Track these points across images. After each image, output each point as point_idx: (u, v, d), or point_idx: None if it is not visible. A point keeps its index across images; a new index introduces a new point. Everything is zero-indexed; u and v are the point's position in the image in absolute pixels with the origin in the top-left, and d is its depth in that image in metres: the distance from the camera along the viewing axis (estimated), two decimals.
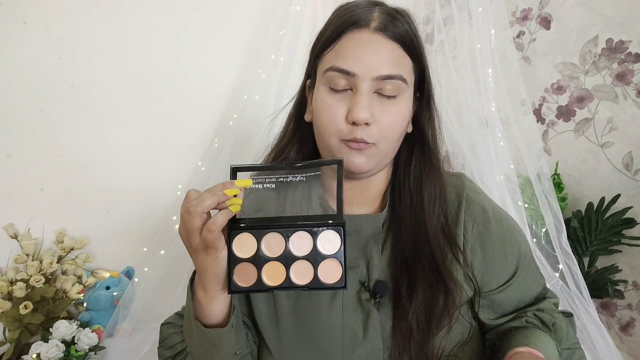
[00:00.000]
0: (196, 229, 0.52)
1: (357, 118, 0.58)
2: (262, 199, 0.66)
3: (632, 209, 1.32)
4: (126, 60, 1.45)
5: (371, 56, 0.59)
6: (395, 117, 0.61)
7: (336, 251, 0.56)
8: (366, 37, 0.60)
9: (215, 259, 0.55)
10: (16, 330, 1.23)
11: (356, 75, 0.59)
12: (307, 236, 0.57)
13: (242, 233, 0.57)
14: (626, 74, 1.34)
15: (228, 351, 0.61)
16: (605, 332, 1.19)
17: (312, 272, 0.56)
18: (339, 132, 0.61)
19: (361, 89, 0.59)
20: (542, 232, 1.30)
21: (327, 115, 0.61)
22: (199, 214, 0.51)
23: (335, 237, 0.56)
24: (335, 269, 0.56)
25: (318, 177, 0.57)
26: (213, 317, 0.60)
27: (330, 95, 0.61)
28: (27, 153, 1.36)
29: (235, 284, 0.56)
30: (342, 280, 0.56)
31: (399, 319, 0.62)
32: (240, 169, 0.56)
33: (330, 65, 0.60)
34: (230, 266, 0.56)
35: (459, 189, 0.69)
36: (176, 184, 1.55)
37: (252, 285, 0.56)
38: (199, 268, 0.57)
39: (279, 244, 0.56)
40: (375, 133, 0.60)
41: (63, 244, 1.38)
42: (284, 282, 0.56)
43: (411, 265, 0.64)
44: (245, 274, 0.56)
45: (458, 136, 1.35)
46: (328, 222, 0.57)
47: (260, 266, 0.56)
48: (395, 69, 0.60)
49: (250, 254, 0.56)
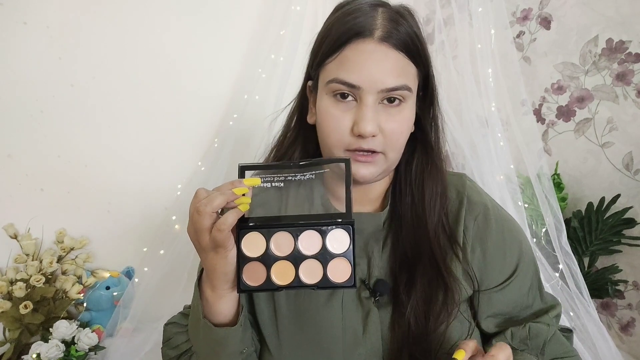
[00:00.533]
0: (206, 229, 0.52)
1: (364, 132, 0.58)
2: (270, 198, 0.66)
3: (632, 209, 1.32)
4: (126, 60, 1.45)
5: (376, 68, 0.58)
6: (401, 125, 0.61)
7: (345, 250, 0.56)
8: (370, 48, 0.59)
9: (225, 258, 0.54)
10: (16, 330, 1.23)
11: (361, 88, 0.58)
12: (316, 235, 0.56)
13: (251, 232, 0.56)
14: (626, 74, 1.34)
15: (234, 350, 0.61)
16: (605, 332, 1.19)
17: (322, 271, 0.56)
18: (344, 144, 0.60)
19: (366, 101, 0.59)
20: (542, 232, 1.30)
21: (332, 126, 0.61)
22: (208, 213, 0.51)
23: (345, 235, 0.56)
24: (345, 267, 0.56)
25: (326, 175, 0.57)
26: (221, 316, 0.60)
27: (334, 105, 0.61)
28: (28, 153, 1.36)
29: (244, 283, 0.56)
30: (351, 279, 0.56)
31: (397, 315, 0.62)
32: (249, 167, 0.56)
33: (334, 76, 0.60)
34: (240, 265, 0.56)
35: (460, 188, 0.69)
36: (176, 184, 1.55)
37: (261, 284, 0.56)
38: (207, 267, 0.57)
39: (288, 243, 0.56)
40: (382, 142, 0.60)
41: (63, 244, 1.38)
42: (293, 281, 0.56)
43: (411, 262, 0.64)
44: (254, 273, 0.56)
45: (458, 136, 1.35)
46: (337, 220, 0.56)
47: (269, 265, 0.56)
48: (400, 80, 0.59)
49: (259, 253, 0.56)
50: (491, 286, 0.67)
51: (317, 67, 0.64)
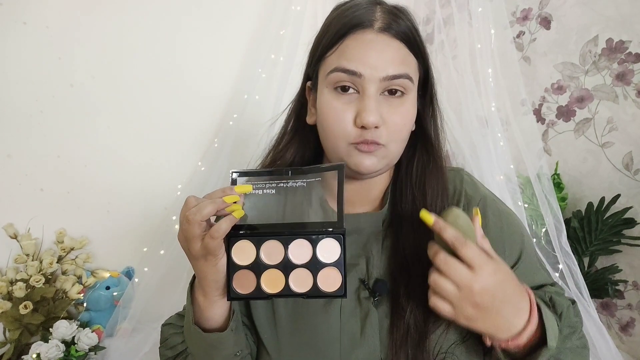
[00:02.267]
0: (196, 237, 0.52)
1: (366, 122, 0.57)
2: (261, 205, 0.66)
3: (632, 209, 1.32)
4: (126, 60, 1.45)
5: (377, 56, 0.58)
6: (403, 117, 0.61)
7: (336, 259, 0.56)
8: (371, 37, 0.59)
9: (215, 266, 0.54)
10: (16, 330, 1.23)
11: (363, 75, 0.58)
12: (306, 244, 0.56)
13: (241, 240, 0.56)
14: (626, 74, 1.34)
15: (228, 352, 0.61)
16: (605, 332, 1.19)
17: (312, 280, 0.55)
18: (347, 136, 0.60)
19: (368, 92, 0.58)
20: (542, 232, 1.30)
21: (334, 119, 0.60)
22: (197, 222, 0.51)
23: (335, 245, 0.56)
24: (335, 277, 0.55)
25: (319, 183, 0.57)
26: (213, 321, 0.60)
27: (335, 98, 0.60)
28: (27, 153, 1.36)
29: (234, 291, 0.56)
30: (341, 289, 0.55)
31: (396, 316, 0.62)
32: (241, 174, 0.56)
33: (334, 66, 0.59)
34: (230, 273, 0.56)
35: (457, 184, 0.69)
36: (176, 184, 1.55)
37: (251, 292, 0.56)
38: (198, 274, 0.57)
39: (278, 252, 0.56)
40: (384, 134, 0.60)
41: (63, 244, 1.38)
42: (283, 290, 0.56)
43: (410, 261, 0.64)
44: (245, 281, 0.56)
45: (458, 136, 1.36)
46: (328, 229, 0.56)
47: (259, 273, 0.56)
48: (402, 68, 0.59)
49: (250, 261, 0.56)
50: None
51: (317, 63, 0.64)
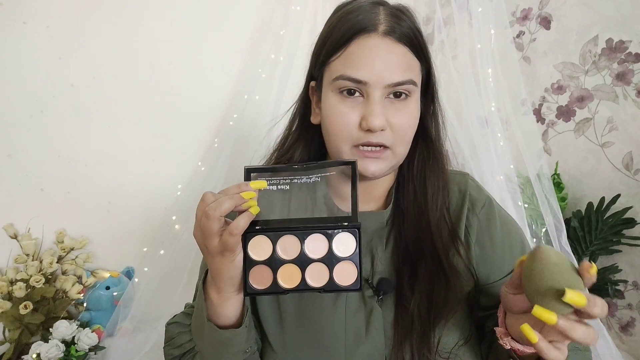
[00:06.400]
0: (214, 233, 0.52)
1: (372, 126, 0.58)
2: (276, 200, 0.66)
3: (632, 208, 1.32)
4: (126, 60, 1.45)
5: (382, 63, 0.59)
6: (408, 119, 0.62)
7: (351, 253, 0.56)
8: (376, 42, 0.59)
9: (232, 262, 0.54)
10: (16, 330, 1.23)
11: (368, 83, 0.59)
12: (322, 238, 0.56)
13: (258, 236, 0.56)
14: (626, 73, 1.34)
15: (239, 349, 0.61)
16: (605, 332, 1.19)
17: (328, 275, 0.56)
18: (352, 139, 0.61)
19: (373, 97, 0.59)
20: (542, 232, 1.31)
21: (339, 122, 0.61)
22: (217, 217, 0.51)
23: (351, 239, 0.56)
24: (351, 271, 0.56)
25: (332, 178, 0.57)
26: (226, 318, 0.60)
27: (340, 101, 0.61)
28: (28, 153, 1.36)
29: (251, 286, 0.56)
30: (357, 283, 0.56)
31: (400, 309, 0.63)
32: (255, 170, 0.56)
33: (340, 73, 0.60)
34: (246, 269, 0.56)
35: (463, 186, 0.70)
36: (176, 184, 1.55)
37: (268, 287, 0.56)
38: (213, 271, 0.57)
39: (295, 247, 0.56)
40: (390, 137, 0.61)
41: (63, 244, 1.38)
42: (300, 285, 0.56)
43: (413, 256, 0.65)
44: (261, 276, 0.56)
45: (458, 136, 1.36)
46: (343, 224, 0.56)
47: (275, 269, 0.56)
48: (407, 75, 0.60)
49: (266, 256, 0.56)
50: (490, 281, 0.68)
51: (321, 66, 0.64)
